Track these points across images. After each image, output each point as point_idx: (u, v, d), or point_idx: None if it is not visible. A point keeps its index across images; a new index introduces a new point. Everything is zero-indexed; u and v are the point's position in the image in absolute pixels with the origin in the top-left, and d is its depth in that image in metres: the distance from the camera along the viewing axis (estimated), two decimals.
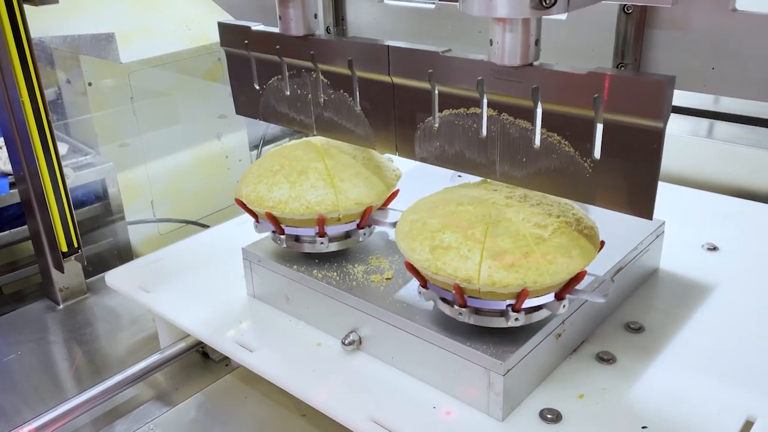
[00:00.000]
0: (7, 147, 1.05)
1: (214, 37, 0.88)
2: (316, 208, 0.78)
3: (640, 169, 0.58)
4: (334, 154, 0.83)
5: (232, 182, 1.77)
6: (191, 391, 0.86)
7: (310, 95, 0.80)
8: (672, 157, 1.23)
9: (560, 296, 0.68)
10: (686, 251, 0.95)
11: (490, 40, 0.59)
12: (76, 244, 1.07)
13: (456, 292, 0.66)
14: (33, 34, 0.95)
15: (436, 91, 0.68)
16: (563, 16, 0.67)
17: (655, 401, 0.69)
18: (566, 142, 0.61)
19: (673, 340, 0.78)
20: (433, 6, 0.78)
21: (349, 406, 0.70)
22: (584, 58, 0.67)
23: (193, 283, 0.94)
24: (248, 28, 0.82)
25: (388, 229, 0.87)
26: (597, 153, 0.60)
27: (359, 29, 0.85)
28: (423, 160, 0.73)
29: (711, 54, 0.60)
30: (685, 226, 1.01)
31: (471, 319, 0.67)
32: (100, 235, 1.51)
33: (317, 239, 0.81)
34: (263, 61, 0.83)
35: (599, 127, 0.59)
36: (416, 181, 0.99)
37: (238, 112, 0.91)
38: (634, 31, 0.63)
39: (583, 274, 0.67)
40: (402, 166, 0.89)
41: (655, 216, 0.92)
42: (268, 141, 1.91)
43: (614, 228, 0.86)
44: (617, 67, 0.64)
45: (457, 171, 0.71)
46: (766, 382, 0.71)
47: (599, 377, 0.72)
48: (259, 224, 0.85)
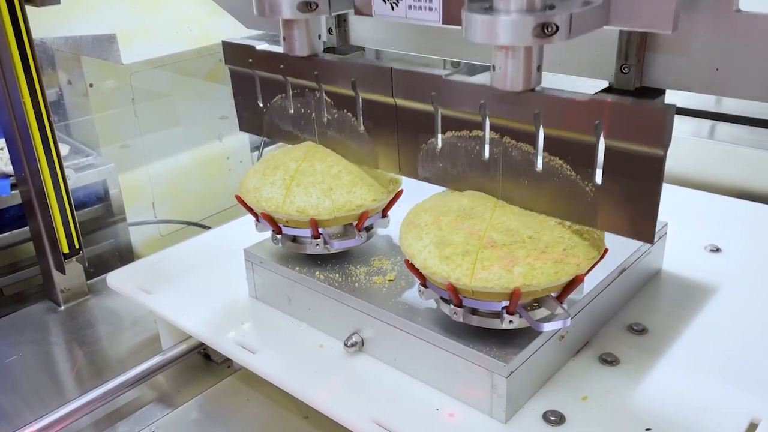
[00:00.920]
0: (9, 148, 1.05)
1: (216, 37, 0.89)
2: (310, 211, 0.78)
3: (641, 195, 0.59)
4: (335, 157, 0.83)
5: (234, 183, 1.77)
6: (193, 393, 0.86)
7: (313, 114, 0.81)
8: (674, 159, 1.22)
9: (559, 299, 0.67)
10: (689, 252, 0.95)
11: (492, 66, 0.60)
12: (77, 246, 1.07)
13: (450, 291, 0.66)
14: (34, 35, 0.95)
15: (439, 113, 0.69)
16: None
17: (659, 403, 0.69)
18: (568, 167, 0.62)
19: (677, 342, 0.77)
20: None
21: (352, 408, 0.70)
22: (587, 61, 0.67)
23: (195, 285, 0.93)
24: (253, 48, 0.83)
25: (390, 230, 0.87)
26: (598, 178, 0.61)
27: (362, 40, 0.85)
28: (426, 180, 0.74)
29: (714, 55, 0.59)
30: (687, 228, 1.00)
31: (466, 319, 0.67)
32: (102, 237, 1.51)
33: (312, 241, 0.81)
34: (267, 80, 0.84)
35: (600, 153, 0.59)
36: (419, 182, 0.99)
37: (241, 129, 0.91)
38: (638, 33, 0.62)
39: (581, 277, 0.67)
40: None
41: (658, 217, 0.92)
42: (269, 142, 1.91)
43: None
44: (620, 69, 0.64)
45: (460, 191, 0.72)
46: None
47: (602, 379, 0.72)
48: (259, 223, 0.85)
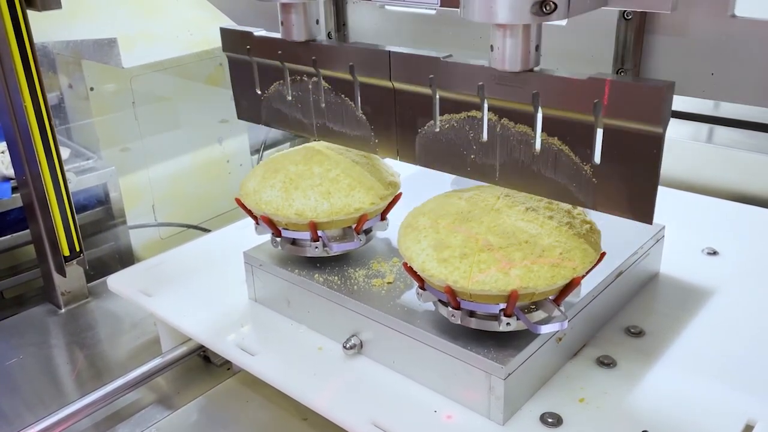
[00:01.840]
0: (10, 151, 1.05)
1: (216, 41, 0.89)
2: (309, 214, 0.79)
3: (640, 174, 0.59)
4: (334, 160, 0.84)
5: (234, 186, 1.77)
6: (192, 395, 0.87)
7: (311, 100, 0.80)
8: (672, 162, 1.23)
9: (557, 302, 0.68)
10: (686, 255, 0.95)
11: (491, 46, 0.60)
12: (77, 248, 1.07)
13: (448, 293, 0.66)
14: (36, 39, 0.96)
15: (437, 96, 0.68)
16: (563, 22, 0.67)
17: (656, 405, 0.69)
18: (566, 147, 0.61)
19: (674, 344, 0.78)
20: (433, 12, 0.78)
21: (351, 410, 0.70)
22: (584, 64, 0.68)
23: (195, 287, 0.94)
24: (250, 34, 0.82)
25: (389, 233, 0.87)
26: (597, 158, 0.60)
27: (360, 35, 0.85)
28: (424, 165, 0.73)
29: (710, 59, 0.60)
30: (685, 231, 1.01)
31: (464, 322, 0.68)
32: (102, 239, 1.51)
33: (311, 244, 0.81)
34: (265, 67, 0.84)
35: (599, 132, 0.59)
36: (418, 185, 0.99)
37: (239, 117, 0.91)
38: (634, 36, 0.63)
39: (578, 280, 0.67)
40: (403, 170, 0.89)
41: (656, 220, 0.92)
42: (269, 145, 1.91)
43: (614, 232, 0.86)
44: (617, 73, 0.65)
45: (458, 175, 0.71)
46: (767, 385, 0.71)
47: (600, 381, 0.72)
48: (259, 226, 0.85)
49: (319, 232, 0.80)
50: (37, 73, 0.96)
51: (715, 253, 0.96)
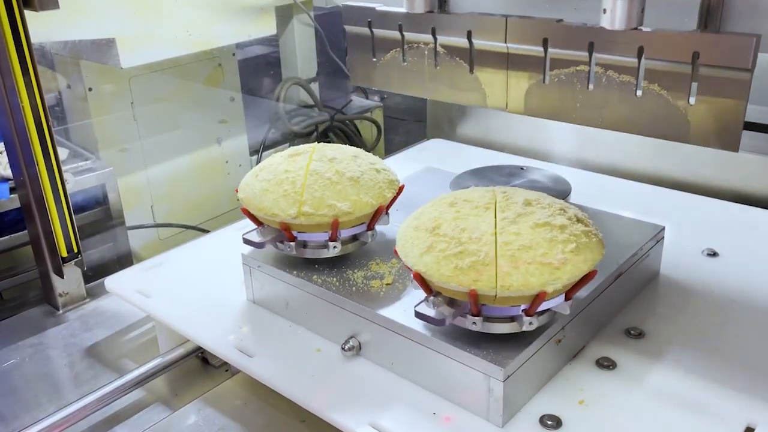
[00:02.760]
0: (7, 152, 1.05)
1: (215, 42, 0.89)
2: (316, 217, 0.78)
3: (730, 112, 0.68)
4: (332, 163, 0.83)
5: (232, 187, 1.76)
6: (191, 397, 0.86)
7: (426, 64, 0.91)
8: (672, 163, 1.23)
9: (568, 297, 0.68)
10: (686, 257, 0.95)
11: (603, 9, 0.71)
12: (75, 249, 1.07)
13: (472, 299, 0.65)
14: (34, 40, 0.95)
15: (548, 55, 0.78)
16: None
17: (655, 407, 0.69)
18: (665, 92, 0.72)
19: (674, 346, 0.78)
20: None
21: (349, 412, 0.70)
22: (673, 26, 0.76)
23: (193, 288, 0.94)
24: (372, 8, 0.93)
25: (388, 235, 0.87)
26: (692, 100, 0.70)
27: (461, 7, 0.92)
28: (532, 115, 0.84)
29: None
30: (685, 232, 1.01)
31: (484, 328, 0.67)
32: (100, 240, 1.51)
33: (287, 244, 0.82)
34: (382, 37, 0.95)
35: (694, 78, 0.69)
36: (418, 188, 0.99)
37: (353, 83, 1.08)
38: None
39: (593, 274, 0.68)
40: (402, 172, 0.89)
41: (655, 221, 0.92)
42: (268, 146, 1.91)
43: (615, 233, 0.86)
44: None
45: (565, 122, 0.81)
46: (767, 388, 0.71)
47: (599, 383, 0.72)
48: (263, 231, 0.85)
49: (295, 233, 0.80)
50: (35, 74, 0.96)
51: (715, 255, 0.96)
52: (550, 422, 0.67)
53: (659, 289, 0.88)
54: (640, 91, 0.73)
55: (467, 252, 0.66)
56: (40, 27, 1.16)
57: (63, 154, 1.40)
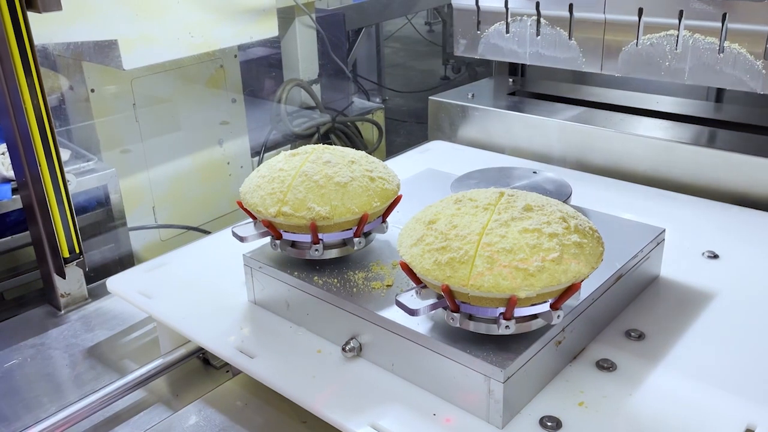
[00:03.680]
0: (10, 153, 1.05)
1: (217, 44, 0.89)
2: (309, 217, 0.79)
3: None
4: (331, 164, 0.83)
5: (234, 188, 1.77)
6: (192, 398, 0.86)
7: (528, 33, 1.08)
8: (672, 165, 1.23)
9: (555, 306, 0.68)
10: (686, 259, 0.95)
11: None
12: (77, 250, 1.07)
13: (445, 294, 0.66)
14: (36, 41, 0.96)
15: (642, 21, 0.95)
16: None
17: (655, 409, 0.69)
18: (744, 50, 0.88)
19: (674, 348, 0.78)
20: None
21: (349, 413, 0.70)
22: None
23: (194, 289, 0.94)
24: None
25: (388, 236, 0.87)
26: None
27: None
28: (624, 74, 1.00)
29: None
30: (685, 234, 1.01)
31: (462, 324, 0.68)
32: (102, 241, 1.51)
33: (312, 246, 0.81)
34: (486, 11, 1.15)
35: None
36: (417, 189, 1.00)
37: (457, 53, 1.26)
38: None
39: (577, 286, 0.67)
40: (403, 173, 0.89)
41: (656, 223, 0.92)
42: (269, 147, 1.91)
43: (615, 235, 0.86)
44: None
45: (653, 79, 1.00)
46: (766, 390, 0.71)
47: (599, 385, 0.72)
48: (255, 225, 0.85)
49: (320, 235, 0.80)
50: (38, 75, 0.96)
51: (715, 257, 0.96)
52: (550, 424, 0.67)
53: (659, 291, 0.89)
54: (722, 53, 0.90)
55: (449, 248, 0.67)
56: (43, 28, 1.17)
57: (65, 155, 1.40)
